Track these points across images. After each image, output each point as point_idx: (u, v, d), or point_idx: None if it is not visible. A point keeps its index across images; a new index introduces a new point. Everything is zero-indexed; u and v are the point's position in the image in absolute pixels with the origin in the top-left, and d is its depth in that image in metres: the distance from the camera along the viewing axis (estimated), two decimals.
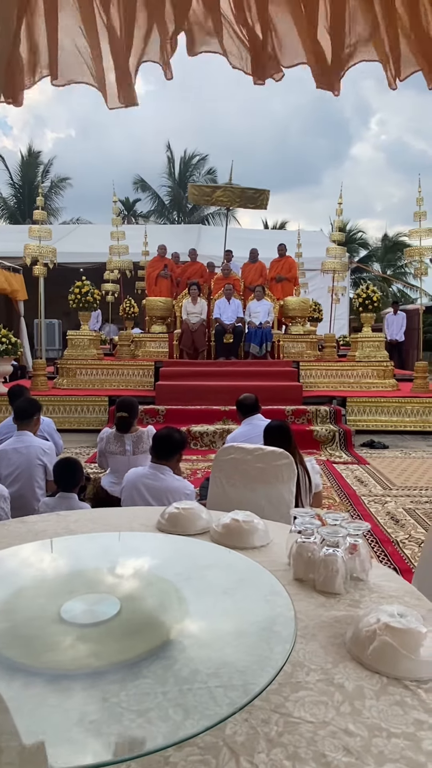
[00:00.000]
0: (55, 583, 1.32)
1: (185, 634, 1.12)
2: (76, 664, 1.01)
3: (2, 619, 1.10)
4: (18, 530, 1.71)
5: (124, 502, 2.96)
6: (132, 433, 4.07)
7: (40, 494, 3.64)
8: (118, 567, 1.42)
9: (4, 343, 7.42)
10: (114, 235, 10.65)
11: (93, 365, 8.39)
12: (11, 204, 24.55)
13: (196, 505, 1.77)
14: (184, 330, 8.86)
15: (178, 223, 25.09)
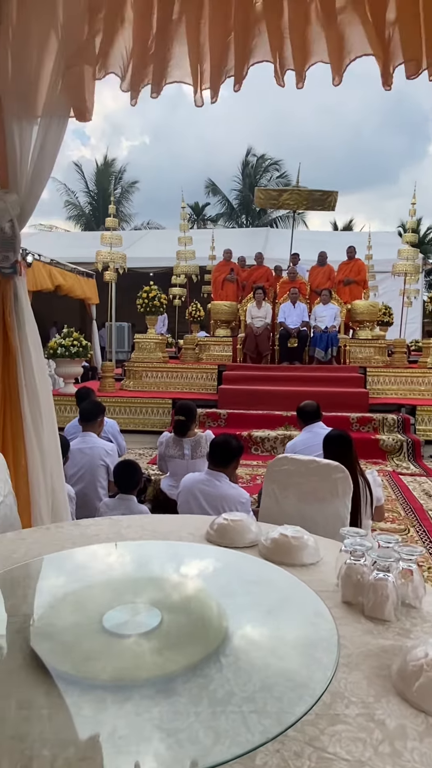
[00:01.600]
0: (100, 590, 1.35)
1: (223, 653, 1.11)
2: (113, 676, 1.02)
3: (46, 624, 1.14)
4: (71, 533, 1.76)
5: (180, 507, 2.99)
6: (190, 437, 4.11)
7: (102, 494, 3.75)
8: (163, 577, 1.43)
9: (75, 345, 7.72)
10: (181, 240, 10.82)
11: (158, 368, 8.55)
12: (87, 211, 25.58)
13: (246, 517, 1.75)
14: (248, 334, 8.85)
15: (246, 226, 25.14)
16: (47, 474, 2.58)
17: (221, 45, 2.36)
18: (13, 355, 2.54)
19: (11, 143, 2.44)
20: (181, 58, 2.45)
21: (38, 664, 1.04)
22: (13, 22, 2.38)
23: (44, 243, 14.15)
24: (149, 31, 2.43)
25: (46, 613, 1.20)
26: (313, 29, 2.28)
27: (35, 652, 1.06)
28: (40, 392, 2.59)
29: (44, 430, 2.59)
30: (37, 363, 2.61)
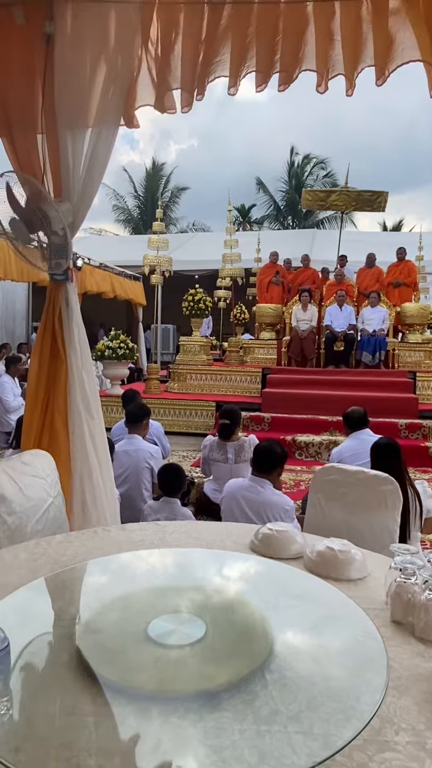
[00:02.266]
0: (145, 597, 1.36)
1: (268, 669, 1.09)
2: (158, 687, 1.02)
3: (92, 631, 1.15)
4: (118, 538, 1.78)
5: (223, 512, 2.99)
6: (234, 441, 4.10)
7: (146, 495, 3.80)
8: (207, 587, 1.42)
9: (122, 348, 7.86)
10: (227, 243, 10.84)
11: (202, 370, 8.59)
12: (135, 215, 26.03)
13: (291, 528, 1.72)
14: (293, 337, 8.76)
15: (292, 227, 24.94)
16: (98, 475, 2.63)
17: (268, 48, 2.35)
18: (62, 358, 2.60)
19: (64, 153, 2.50)
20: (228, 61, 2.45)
21: (85, 670, 1.06)
22: (66, 35, 2.44)
23: (93, 246, 14.48)
24: (199, 38, 2.44)
25: (93, 618, 1.22)
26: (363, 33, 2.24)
27: (82, 658, 1.08)
28: (89, 394, 2.64)
29: (96, 431, 2.65)
30: (86, 365, 2.66)
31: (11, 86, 2.51)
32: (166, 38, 2.47)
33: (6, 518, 1.89)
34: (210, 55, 2.44)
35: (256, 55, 2.33)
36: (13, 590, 1.35)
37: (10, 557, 1.60)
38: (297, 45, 2.28)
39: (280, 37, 2.31)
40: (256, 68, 2.33)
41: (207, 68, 2.46)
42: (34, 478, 2.14)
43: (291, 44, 2.29)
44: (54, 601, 1.39)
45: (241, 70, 2.37)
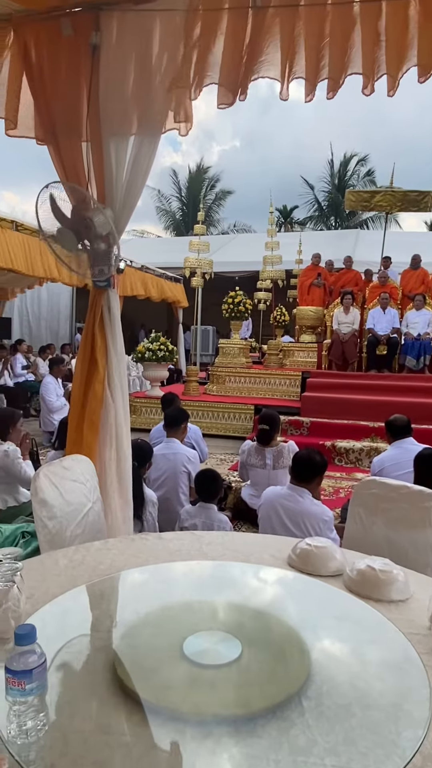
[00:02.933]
0: (181, 612, 1.35)
1: (305, 695, 1.06)
2: (192, 709, 1.01)
3: (127, 646, 1.15)
4: (155, 546, 1.78)
5: (261, 520, 2.96)
6: (273, 447, 4.06)
7: (183, 499, 3.81)
8: (243, 603, 1.40)
9: (162, 350, 7.92)
10: (268, 245, 10.78)
11: (241, 373, 8.57)
12: (178, 216, 26.24)
13: (330, 544, 1.68)
14: (334, 340, 8.62)
15: (335, 228, 24.59)
16: (125, 480, 2.66)
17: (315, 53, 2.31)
18: (99, 366, 2.63)
19: (108, 161, 2.53)
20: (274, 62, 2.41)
21: (120, 686, 1.05)
22: (112, 44, 2.47)
23: (136, 248, 14.68)
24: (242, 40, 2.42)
25: (129, 632, 1.22)
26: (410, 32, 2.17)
27: (117, 673, 1.08)
28: (123, 402, 2.68)
29: (124, 439, 2.68)
30: (121, 373, 2.69)
31: (58, 96, 2.55)
32: (208, 40, 2.45)
33: (47, 522, 1.92)
34: (253, 56, 2.41)
35: (305, 61, 2.29)
36: (52, 598, 1.37)
37: (51, 563, 1.62)
38: (344, 48, 2.23)
39: (327, 40, 2.26)
40: (304, 76, 2.30)
41: (251, 68, 2.43)
42: (74, 483, 2.18)
43: (338, 47, 2.24)
44: (91, 611, 1.40)
45: (289, 75, 2.33)
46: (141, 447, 3.32)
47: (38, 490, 1.93)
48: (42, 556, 1.73)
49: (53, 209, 2.51)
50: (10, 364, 9.15)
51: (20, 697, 0.87)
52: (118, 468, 2.65)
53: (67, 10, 2.48)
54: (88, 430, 2.63)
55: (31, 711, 0.88)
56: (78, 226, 2.52)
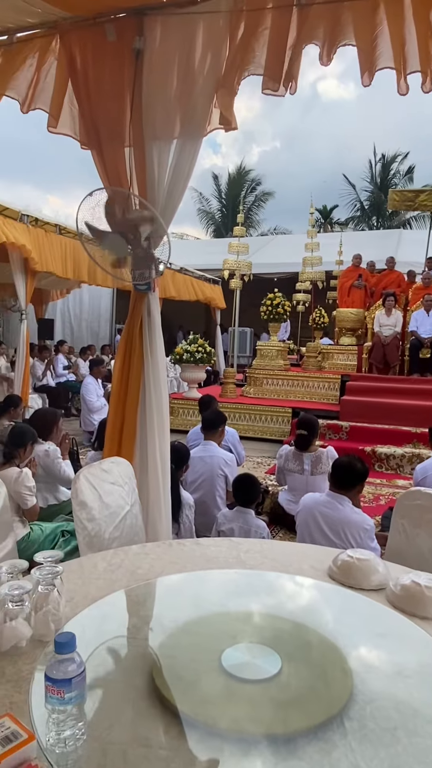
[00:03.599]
0: (219, 622, 1.33)
1: (347, 716, 1.02)
2: (231, 725, 0.99)
3: (165, 656, 1.14)
4: (192, 552, 1.77)
5: (299, 526, 2.91)
6: (311, 452, 4.00)
7: (220, 503, 3.79)
8: (282, 616, 1.37)
9: (200, 352, 7.94)
10: (308, 246, 10.66)
11: (279, 375, 8.49)
12: (217, 218, 26.30)
13: (372, 557, 1.63)
14: (375, 343, 8.44)
15: (377, 228, 24.13)
16: (162, 483, 2.67)
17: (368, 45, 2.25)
18: (137, 369, 2.65)
19: (150, 165, 2.54)
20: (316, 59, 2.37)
21: (158, 697, 1.04)
22: (155, 49, 2.47)
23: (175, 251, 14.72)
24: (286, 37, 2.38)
25: (167, 641, 1.21)
26: None
27: (155, 684, 1.06)
28: (163, 406, 2.68)
29: (165, 441, 2.69)
30: (160, 375, 2.70)
31: (102, 101, 2.58)
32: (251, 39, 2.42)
33: (86, 524, 1.94)
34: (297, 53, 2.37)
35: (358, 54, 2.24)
36: (91, 602, 1.37)
37: (90, 566, 1.63)
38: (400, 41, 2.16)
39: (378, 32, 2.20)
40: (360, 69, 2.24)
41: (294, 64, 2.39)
42: (113, 486, 2.19)
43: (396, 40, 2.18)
44: (129, 617, 1.40)
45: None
46: (178, 449, 3.33)
47: (78, 491, 1.95)
48: (81, 558, 1.74)
49: (99, 215, 2.54)
50: (52, 364, 9.36)
51: (59, 706, 0.87)
52: (156, 470, 2.65)
53: (111, 16, 2.50)
54: (127, 431, 2.65)
55: (70, 720, 0.87)
56: (123, 230, 2.54)
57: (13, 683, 1.07)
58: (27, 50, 2.71)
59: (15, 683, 1.07)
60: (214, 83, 2.47)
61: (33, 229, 6.70)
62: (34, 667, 1.10)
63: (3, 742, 0.83)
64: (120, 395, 2.71)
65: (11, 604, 1.17)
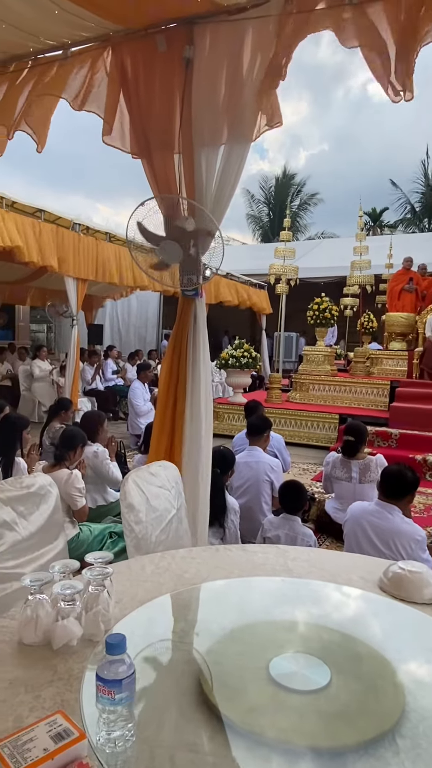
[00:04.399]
0: (266, 630, 1.31)
1: (400, 734, 0.99)
2: (279, 735, 0.97)
3: (212, 662, 1.13)
4: (239, 558, 1.76)
5: (346, 536, 2.85)
6: (359, 460, 3.91)
7: (266, 509, 3.77)
8: (331, 627, 1.34)
9: (246, 357, 7.93)
10: (357, 250, 10.47)
11: (326, 381, 8.36)
12: (264, 222, 26.27)
13: (425, 569, 1.57)
14: (426, 348, 8.18)
15: (428, 230, 23.47)
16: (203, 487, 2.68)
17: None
18: (184, 374, 2.67)
19: (198, 171, 2.57)
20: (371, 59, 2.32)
21: (204, 702, 1.04)
22: (204, 56, 2.50)
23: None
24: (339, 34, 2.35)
25: (214, 647, 1.20)
26: None
27: (202, 689, 1.06)
28: (208, 409, 2.69)
29: (208, 446, 2.70)
30: (206, 380, 2.71)
31: (152, 111, 2.63)
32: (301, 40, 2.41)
33: (134, 527, 1.96)
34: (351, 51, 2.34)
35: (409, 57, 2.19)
36: (139, 604, 1.38)
37: (138, 568, 1.65)
38: None
39: None
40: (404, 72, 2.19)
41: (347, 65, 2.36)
42: (160, 489, 2.21)
43: None
44: (177, 621, 1.40)
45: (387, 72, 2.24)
46: (224, 454, 3.33)
47: (126, 494, 1.98)
48: (129, 560, 1.76)
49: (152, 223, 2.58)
50: (101, 368, 9.57)
51: (110, 706, 0.88)
52: (198, 474, 2.67)
53: (162, 26, 2.55)
54: (174, 436, 2.67)
55: (120, 721, 0.88)
56: (174, 237, 2.57)
57: (64, 681, 1.09)
58: (80, 62, 2.79)
59: (66, 681, 1.09)
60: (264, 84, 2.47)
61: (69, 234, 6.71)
62: (85, 666, 1.13)
63: (55, 738, 0.85)
64: (167, 399, 2.74)
65: (63, 603, 1.20)
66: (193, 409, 2.68)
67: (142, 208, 2.56)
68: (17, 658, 1.17)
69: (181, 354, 2.70)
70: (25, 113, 2.93)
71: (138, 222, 2.58)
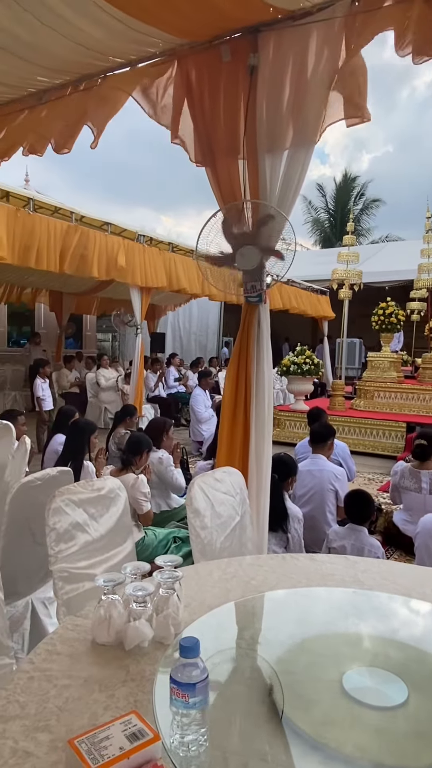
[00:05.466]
0: (337, 642, 1.27)
1: None
2: (356, 752, 0.94)
3: (284, 671, 1.11)
4: (306, 567, 1.73)
5: (417, 549, 2.74)
6: (429, 470, 3.75)
7: (330, 518, 3.68)
8: (406, 642, 1.28)
9: (307, 363, 7.82)
10: (424, 252, 10.12)
11: (392, 388, 8.10)
12: (325, 228, 25.91)
13: None
14: None
15: None
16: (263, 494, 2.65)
17: None
18: (247, 378, 2.66)
19: (262, 177, 2.57)
20: None
21: (276, 712, 1.02)
22: (269, 63, 2.50)
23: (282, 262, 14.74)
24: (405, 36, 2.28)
25: (285, 657, 1.18)
26: None
27: (274, 698, 1.04)
28: (267, 417, 2.67)
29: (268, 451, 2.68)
30: (268, 387, 2.69)
31: (217, 120, 2.66)
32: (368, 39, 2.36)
33: (200, 532, 1.97)
34: None
35: None
36: (207, 609, 1.38)
37: (205, 573, 1.65)
38: None
39: None
40: None
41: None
42: (225, 495, 2.21)
43: None
44: (246, 628, 1.39)
45: None
46: (284, 461, 3.29)
47: (192, 499, 1.99)
48: (197, 565, 1.77)
49: (224, 232, 2.61)
50: (164, 376, 9.75)
51: (183, 709, 0.88)
52: (258, 481, 2.65)
53: (226, 37, 2.58)
54: (239, 442, 2.67)
55: (193, 725, 0.88)
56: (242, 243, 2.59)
57: (136, 682, 1.10)
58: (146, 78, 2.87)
59: (138, 682, 1.10)
60: (328, 88, 2.44)
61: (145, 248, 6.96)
62: (156, 668, 1.13)
63: (131, 738, 0.86)
64: (232, 406, 2.75)
65: (135, 604, 1.21)
66: (257, 415, 2.67)
67: (214, 219, 2.60)
68: (91, 656, 1.20)
69: (248, 360, 2.70)
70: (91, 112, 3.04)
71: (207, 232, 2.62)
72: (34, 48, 2.68)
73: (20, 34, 2.54)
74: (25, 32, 2.52)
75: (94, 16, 2.36)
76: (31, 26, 2.44)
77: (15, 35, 2.55)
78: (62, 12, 2.34)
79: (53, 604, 2.38)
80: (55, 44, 2.61)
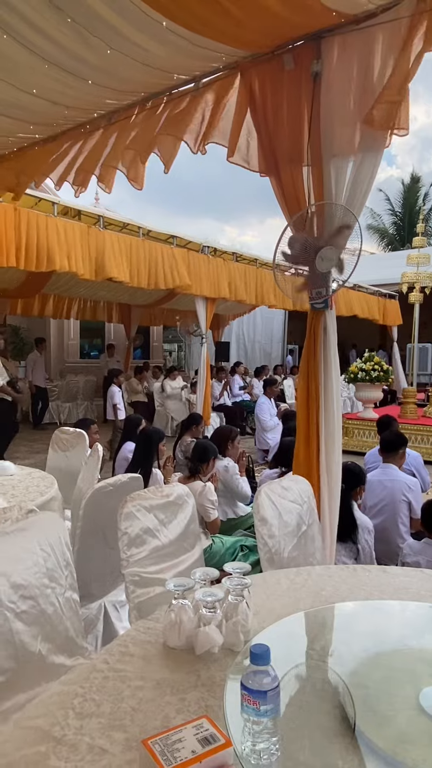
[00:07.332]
0: (413, 658, 1.22)
1: None
2: None
3: (357, 685, 1.08)
4: (378, 580, 1.67)
5: None
6: None
7: (403, 531, 3.55)
8: None
9: (376, 370, 7.61)
10: None
11: None
12: (391, 232, 25.17)
13: None
14: None
15: None
16: (332, 504, 2.60)
17: None
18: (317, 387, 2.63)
19: (327, 183, 2.54)
20: None
21: (348, 726, 0.99)
22: (333, 68, 2.48)
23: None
24: None
25: (358, 670, 1.15)
26: None
27: (346, 713, 1.02)
28: (337, 424, 2.62)
29: (338, 460, 2.63)
30: (336, 394, 2.64)
31: (281, 128, 2.66)
32: None
33: (267, 540, 1.96)
34: None
35: None
36: (276, 618, 1.37)
37: (273, 582, 1.64)
38: None
39: None
40: None
41: None
42: (293, 504, 2.19)
43: None
44: (317, 639, 1.37)
45: None
46: (352, 470, 3.20)
47: (260, 507, 1.99)
48: (265, 574, 1.76)
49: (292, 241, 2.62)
50: (229, 384, 9.80)
51: (255, 717, 0.87)
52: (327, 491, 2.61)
53: (289, 45, 2.59)
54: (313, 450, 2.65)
55: (264, 733, 0.88)
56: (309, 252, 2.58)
57: (207, 687, 1.11)
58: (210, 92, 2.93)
59: (209, 687, 1.11)
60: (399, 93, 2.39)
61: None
62: (227, 675, 1.14)
63: (203, 742, 0.86)
64: (305, 413, 2.73)
65: (205, 610, 1.23)
66: (326, 422, 2.63)
67: (288, 230, 2.61)
68: (163, 660, 1.22)
69: (316, 367, 2.67)
70: (157, 141, 3.13)
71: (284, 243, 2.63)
72: (103, 71, 2.80)
73: (88, 58, 2.66)
74: (94, 56, 2.64)
75: (159, 36, 2.44)
76: (98, 49, 2.56)
77: (84, 60, 2.68)
78: (129, 34, 2.44)
79: (123, 608, 2.44)
80: (121, 65, 2.71)
